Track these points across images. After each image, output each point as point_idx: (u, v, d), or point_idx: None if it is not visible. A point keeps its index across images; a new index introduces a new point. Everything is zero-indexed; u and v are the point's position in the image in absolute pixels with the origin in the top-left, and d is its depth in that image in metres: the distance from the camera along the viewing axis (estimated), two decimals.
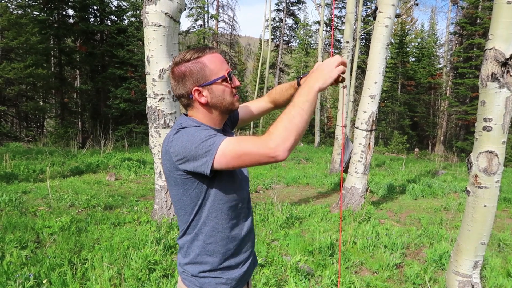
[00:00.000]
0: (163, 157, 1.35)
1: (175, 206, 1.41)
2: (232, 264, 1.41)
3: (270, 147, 1.14)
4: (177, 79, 1.38)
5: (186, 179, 1.30)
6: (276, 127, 1.17)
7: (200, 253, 1.38)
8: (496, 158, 2.62)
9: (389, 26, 6.05)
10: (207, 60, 1.36)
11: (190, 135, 1.25)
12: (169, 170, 1.33)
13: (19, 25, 14.97)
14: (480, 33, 23.51)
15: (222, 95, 1.39)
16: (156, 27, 4.50)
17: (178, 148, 1.25)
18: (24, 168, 7.94)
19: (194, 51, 1.36)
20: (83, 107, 21.10)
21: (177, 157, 1.25)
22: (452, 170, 12.96)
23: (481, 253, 2.85)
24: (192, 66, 1.35)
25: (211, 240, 1.37)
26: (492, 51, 2.54)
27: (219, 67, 1.38)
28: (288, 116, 1.19)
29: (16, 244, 3.74)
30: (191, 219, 1.37)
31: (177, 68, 1.37)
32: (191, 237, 1.39)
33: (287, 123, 1.17)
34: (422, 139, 30.86)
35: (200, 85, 1.36)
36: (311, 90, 1.25)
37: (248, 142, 1.19)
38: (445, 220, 6.02)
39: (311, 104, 1.23)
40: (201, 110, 1.41)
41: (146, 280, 3.22)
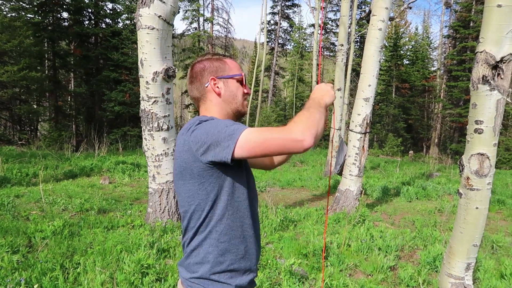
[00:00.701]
0: (179, 149, 1.34)
1: (187, 203, 1.36)
2: (242, 268, 1.38)
3: (297, 131, 1.18)
4: (197, 71, 1.47)
5: (203, 171, 1.28)
6: (299, 117, 1.24)
7: (212, 252, 1.34)
8: (488, 160, 2.64)
9: (383, 29, 6.09)
10: (228, 60, 1.50)
11: (213, 123, 1.28)
12: (185, 163, 1.31)
13: (13, 28, 14.89)
14: (473, 36, 23.70)
15: (235, 92, 1.47)
16: (150, 30, 4.49)
17: (200, 134, 1.25)
18: (17, 171, 7.87)
19: (217, 52, 1.54)
20: (77, 110, 20.99)
21: (198, 144, 1.25)
22: (446, 172, 13.03)
23: (474, 255, 2.86)
24: (214, 61, 1.47)
25: (225, 239, 1.34)
26: (483, 54, 2.55)
27: (237, 68, 1.50)
28: (306, 113, 1.27)
29: (8, 249, 3.70)
30: (205, 216, 1.34)
31: (199, 63, 1.48)
32: (203, 236, 1.35)
33: (308, 116, 1.25)
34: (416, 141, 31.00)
35: (218, 77, 1.45)
36: (321, 102, 1.38)
37: (272, 129, 1.22)
38: (439, 222, 6.04)
39: (323, 113, 1.33)
40: (214, 102, 1.45)
41: (139, 284, 3.19)
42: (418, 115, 30.24)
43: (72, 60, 19.28)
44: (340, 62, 10.97)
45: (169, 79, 4.68)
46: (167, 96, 4.75)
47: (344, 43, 10.67)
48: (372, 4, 6.28)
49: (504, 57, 2.51)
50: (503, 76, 2.54)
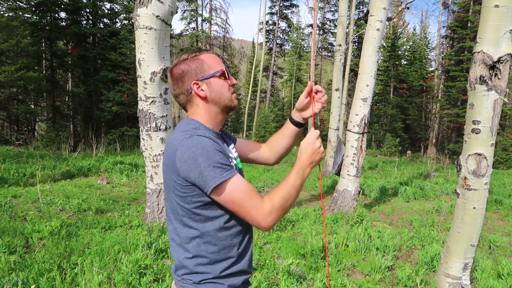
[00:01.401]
0: (166, 156, 1.32)
1: (172, 213, 1.35)
2: (235, 271, 1.36)
3: (266, 222, 1.27)
4: (177, 76, 1.40)
5: (185, 186, 1.27)
6: (279, 205, 1.29)
7: (202, 262, 1.32)
8: (485, 160, 2.64)
9: (381, 30, 6.10)
10: (204, 57, 1.41)
11: (204, 151, 1.23)
12: (169, 172, 1.30)
13: (10, 27, 14.83)
14: (471, 36, 23.77)
15: (220, 90, 1.42)
16: (148, 30, 4.49)
17: (188, 157, 1.23)
18: (14, 172, 7.84)
19: (191, 51, 1.41)
20: (75, 110, 20.94)
21: (183, 164, 1.24)
22: (444, 172, 13.06)
23: (471, 255, 2.86)
24: (190, 63, 1.39)
25: (214, 249, 1.32)
26: (480, 54, 2.56)
27: (216, 63, 1.42)
28: (288, 196, 1.32)
29: (5, 249, 3.69)
30: (190, 227, 1.32)
31: (176, 68, 1.41)
32: (191, 247, 1.32)
33: (285, 204, 1.31)
34: (414, 141, 31.07)
35: (199, 79, 1.39)
36: (305, 174, 1.40)
37: (254, 200, 1.26)
38: (436, 222, 6.05)
39: (301, 180, 1.38)
40: (201, 106, 1.41)
41: (136, 285, 3.19)
42: (416, 115, 30.32)
43: (70, 60, 19.23)
44: (338, 62, 10.98)
45: (167, 79, 4.67)
46: (165, 96, 4.75)
47: (342, 43, 10.68)
48: (370, 5, 6.29)
49: (502, 57, 2.52)
50: (500, 76, 2.55)
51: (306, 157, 1.42)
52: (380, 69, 28.43)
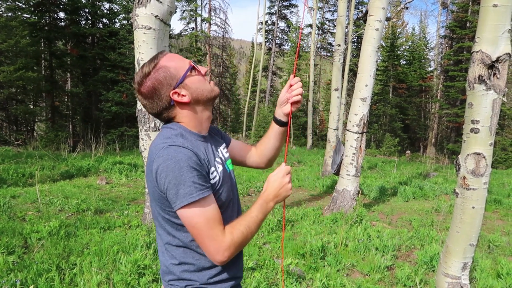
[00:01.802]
0: (147, 165, 1.27)
1: (156, 220, 1.32)
2: (224, 278, 1.33)
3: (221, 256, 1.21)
4: (149, 95, 1.30)
5: (162, 197, 1.23)
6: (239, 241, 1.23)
7: (188, 269, 1.29)
8: (484, 160, 2.64)
9: (380, 29, 6.10)
10: (165, 62, 1.30)
11: (177, 167, 1.16)
12: (150, 181, 1.26)
13: (9, 27, 14.82)
14: (470, 36, 23.79)
15: (199, 86, 1.33)
16: (146, 29, 4.48)
17: (161, 170, 1.18)
18: (13, 172, 7.83)
19: (148, 63, 1.30)
20: (74, 111, 20.91)
21: (158, 177, 1.19)
22: (443, 172, 13.07)
23: (470, 255, 2.86)
24: (156, 75, 1.28)
25: (199, 257, 1.29)
26: (479, 53, 2.56)
27: (180, 62, 1.32)
28: (249, 232, 1.26)
29: (3, 250, 3.68)
30: (174, 236, 1.29)
31: (143, 87, 1.30)
32: (177, 254, 1.30)
33: (244, 240, 1.25)
34: (413, 141, 31.09)
35: (175, 86, 1.29)
36: (268, 208, 1.35)
37: (214, 232, 1.20)
38: (436, 222, 6.05)
39: (264, 215, 1.33)
40: (185, 113, 1.33)
41: (135, 285, 3.18)
42: (415, 115, 30.34)
43: (69, 60, 19.20)
44: (337, 62, 10.99)
45: None
46: None
47: (341, 43, 10.68)
48: (369, 4, 6.29)
49: (500, 56, 2.52)
50: (499, 76, 2.55)
51: (272, 190, 1.36)
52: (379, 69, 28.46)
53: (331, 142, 10.84)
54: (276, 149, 1.66)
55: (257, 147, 1.71)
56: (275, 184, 1.37)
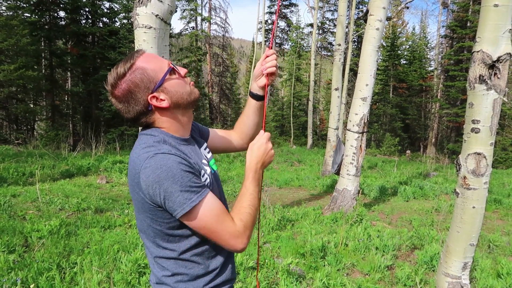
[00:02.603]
0: (131, 177, 1.18)
1: (144, 233, 1.26)
2: (218, 283, 1.31)
3: (241, 244, 1.19)
4: (124, 99, 1.20)
5: (154, 208, 1.17)
6: (250, 222, 1.22)
7: (182, 279, 1.25)
8: (484, 159, 2.64)
9: (380, 29, 6.10)
10: (142, 63, 1.20)
11: (170, 174, 1.10)
12: (136, 193, 1.18)
13: (9, 26, 14.80)
14: (470, 36, 23.77)
15: (178, 89, 1.25)
16: (147, 29, 4.48)
17: (152, 181, 1.10)
18: (13, 171, 7.83)
19: (123, 63, 1.20)
20: (74, 110, 20.91)
21: (148, 188, 1.12)
22: (444, 172, 13.07)
23: (470, 254, 2.87)
24: (132, 77, 1.19)
25: (191, 266, 1.25)
26: (480, 53, 2.56)
27: (158, 63, 1.23)
28: (254, 210, 1.24)
29: (4, 248, 3.69)
30: (164, 248, 1.23)
31: (117, 90, 1.20)
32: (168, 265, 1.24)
33: (253, 219, 1.23)
34: (413, 141, 31.09)
35: (153, 90, 1.20)
36: (259, 177, 1.33)
37: (227, 224, 1.17)
38: (436, 221, 6.06)
39: (259, 185, 1.32)
40: (164, 119, 1.26)
41: (136, 284, 3.19)
42: (415, 114, 30.33)
43: (69, 59, 19.20)
44: (337, 62, 10.98)
45: None
46: None
47: (342, 43, 10.68)
48: (370, 4, 6.29)
49: (501, 56, 2.52)
50: (500, 76, 2.55)
51: (259, 159, 1.33)
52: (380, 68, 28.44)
53: (331, 142, 10.84)
54: (257, 125, 1.65)
55: (236, 129, 1.68)
56: (260, 151, 1.34)
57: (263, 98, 1.56)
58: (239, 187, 8.02)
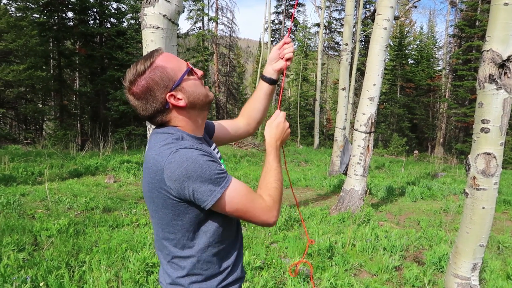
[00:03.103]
0: (151, 174, 1.19)
1: (163, 228, 1.25)
2: (230, 281, 1.32)
3: (273, 218, 1.24)
4: (143, 96, 1.22)
5: (178, 204, 1.18)
6: (278, 196, 1.27)
7: (197, 280, 1.26)
8: (494, 159, 2.62)
9: (388, 29, 6.06)
10: (162, 62, 1.22)
11: (197, 165, 1.12)
12: (157, 191, 1.19)
13: (19, 27, 14.97)
14: (479, 35, 23.56)
15: (195, 90, 1.27)
16: (154, 29, 4.50)
17: (179, 174, 1.12)
18: (22, 170, 7.92)
19: (142, 61, 1.22)
20: (82, 110, 21.09)
21: (175, 183, 1.13)
22: (452, 172, 12.96)
23: (480, 255, 2.84)
24: (152, 75, 1.20)
25: (207, 266, 1.27)
26: (490, 52, 2.54)
27: (177, 63, 1.25)
28: (280, 184, 1.30)
29: (14, 247, 3.73)
30: (184, 244, 1.24)
31: (136, 87, 1.21)
32: (184, 265, 1.26)
33: (280, 193, 1.29)
34: (421, 141, 30.88)
35: (172, 89, 1.22)
36: (278, 154, 1.39)
37: (256, 201, 1.22)
38: (444, 222, 6.01)
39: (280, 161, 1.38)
40: (180, 117, 1.27)
41: (144, 283, 3.20)
42: (423, 114, 30.12)
43: (77, 60, 19.36)
44: (345, 62, 10.94)
45: None
46: None
47: (349, 43, 10.63)
48: (377, 3, 6.25)
49: (511, 55, 2.49)
50: (510, 75, 2.52)
51: (277, 137, 1.40)
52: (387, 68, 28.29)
53: (338, 142, 10.80)
54: (265, 110, 1.69)
55: (244, 113, 1.71)
56: (279, 129, 1.41)
57: (276, 82, 1.62)
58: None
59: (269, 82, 1.62)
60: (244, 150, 16.74)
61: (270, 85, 1.63)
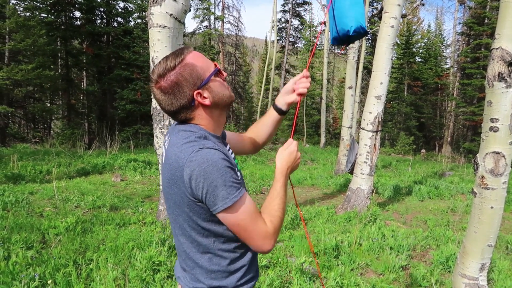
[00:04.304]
0: (171, 170, 1.21)
1: (179, 228, 1.29)
2: (248, 278, 1.35)
3: (269, 246, 1.24)
4: (170, 91, 1.23)
5: (195, 203, 1.20)
6: (279, 225, 1.27)
7: (216, 277, 1.29)
8: (503, 159, 2.59)
9: (395, 27, 6.02)
10: (192, 60, 1.24)
11: (216, 169, 1.13)
12: (175, 187, 1.21)
13: (27, 27, 15.10)
14: (488, 33, 23.31)
15: (220, 91, 1.30)
16: (161, 28, 4.51)
17: (198, 174, 1.13)
18: (31, 169, 8.00)
19: (173, 56, 1.23)
20: (90, 109, 21.23)
21: (192, 181, 1.15)
22: (459, 171, 12.85)
23: (488, 255, 2.81)
24: (182, 71, 1.22)
25: (225, 263, 1.29)
26: (499, 50, 2.51)
27: (206, 62, 1.28)
28: (283, 213, 1.30)
29: (22, 245, 3.77)
30: (201, 241, 1.27)
31: (165, 81, 1.22)
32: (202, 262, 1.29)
33: (281, 222, 1.29)
34: (428, 140, 30.65)
35: (199, 87, 1.24)
36: (286, 178, 1.41)
37: (259, 225, 1.22)
38: (452, 222, 5.96)
39: (285, 187, 1.39)
40: (204, 116, 1.30)
41: (150, 281, 3.22)
42: (431, 113, 29.89)
43: (85, 59, 19.49)
44: (351, 60, 10.89)
45: None
46: None
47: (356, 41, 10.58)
48: (384, 1, 6.21)
49: None
50: None
51: (288, 165, 1.42)
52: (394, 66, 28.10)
53: (345, 141, 10.76)
54: (271, 135, 1.72)
55: (250, 133, 1.73)
56: (291, 157, 1.43)
57: (285, 113, 1.65)
58: (252, 185, 8.02)
59: (279, 112, 1.64)
60: None
61: (279, 115, 1.65)
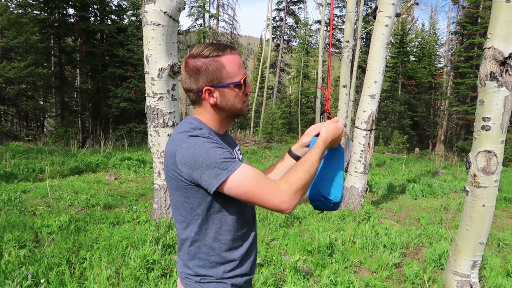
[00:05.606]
0: (167, 158, 1.28)
1: (176, 210, 1.34)
2: (237, 274, 1.35)
3: (286, 203, 1.20)
4: (190, 72, 1.29)
5: (188, 187, 1.25)
6: (295, 183, 1.23)
7: (203, 265, 1.32)
8: (495, 157, 2.61)
9: (389, 26, 6.04)
10: (226, 61, 1.29)
11: (203, 150, 1.18)
12: (171, 174, 1.27)
13: (19, 24, 14.96)
14: (481, 32, 23.47)
15: (232, 101, 1.33)
16: (155, 26, 4.49)
17: (188, 158, 1.19)
18: (23, 167, 7.93)
19: (214, 48, 1.28)
20: (83, 107, 21.08)
21: (184, 166, 1.20)
22: (453, 169, 12.95)
23: (480, 253, 2.84)
24: (209, 63, 1.27)
25: (213, 253, 1.31)
26: (491, 50, 2.53)
27: (236, 71, 1.31)
28: (305, 175, 1.27)
29: (15, 244, 3.74)
30: (193, 227, 1.31)
31: (193, 62, 1.28)
32: (194, 247, 1.32)
33: (303, 184, 1.25)
34: (422, 138, 30.83)
35: (213, 85, 1.29)
36: (325, 147, 1.41)
37: (266, 185, 1.21)
38: (444, 220, 6.01)
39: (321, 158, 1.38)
40: (208, 110, 1.35)
41: (144, 280, 3.21)
42: (424, 112, 30.06)
43: (78, 57, 19.34)
44: (346, 59, 10.91)
45: (174, 75, 4.68)
46: (173, 92, 4.76)
47: (350, 40, 10.60)
48: (379, 0, 6.23)
49: None
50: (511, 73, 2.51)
51: (333, 136, 1.44)
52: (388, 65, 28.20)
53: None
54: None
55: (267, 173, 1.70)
56: (337, 131, 1.47)
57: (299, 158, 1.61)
58: None
59: (294, 158, 1.64)
60: (245, 147, 16.73)
61: (295, 160, 1.64)
